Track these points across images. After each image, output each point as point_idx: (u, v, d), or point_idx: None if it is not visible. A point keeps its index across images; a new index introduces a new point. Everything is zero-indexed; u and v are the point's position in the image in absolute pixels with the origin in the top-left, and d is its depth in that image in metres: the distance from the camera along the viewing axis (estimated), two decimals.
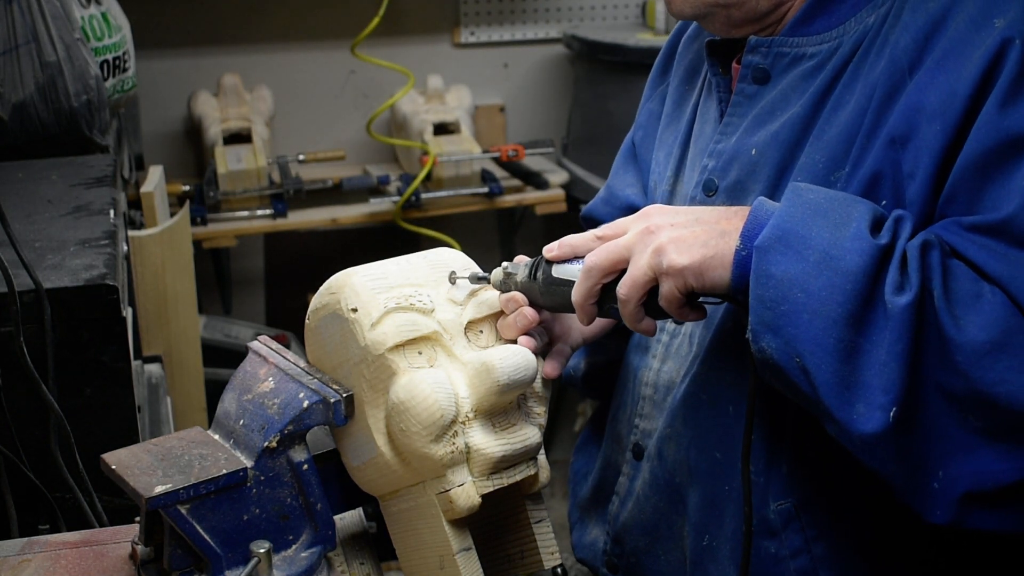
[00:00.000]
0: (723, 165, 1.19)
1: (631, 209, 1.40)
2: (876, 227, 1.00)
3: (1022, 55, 1.00)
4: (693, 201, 1.23)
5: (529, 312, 1.06)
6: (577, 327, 1.19)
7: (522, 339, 1.06)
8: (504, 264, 1.09)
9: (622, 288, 1.02)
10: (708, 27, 1.22)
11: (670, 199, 1.30)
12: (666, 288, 1.01)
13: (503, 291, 1.08)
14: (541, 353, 1.08)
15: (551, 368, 1.11)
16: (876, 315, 0.96)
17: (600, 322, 1.17)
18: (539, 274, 1.07)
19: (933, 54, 1.04)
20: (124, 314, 1.37)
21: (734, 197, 1.17)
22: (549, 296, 1.07)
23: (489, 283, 1.08)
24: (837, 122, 1.10)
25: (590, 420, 1.51)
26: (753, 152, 1.16)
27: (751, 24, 1.18)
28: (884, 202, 1.06)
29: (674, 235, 1.00)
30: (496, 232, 3.39)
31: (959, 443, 0.96)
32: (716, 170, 1.20)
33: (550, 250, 1.08)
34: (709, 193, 1.20)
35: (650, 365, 1.30)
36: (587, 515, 1.43)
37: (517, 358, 1.01)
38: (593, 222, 1.45)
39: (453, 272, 1.06)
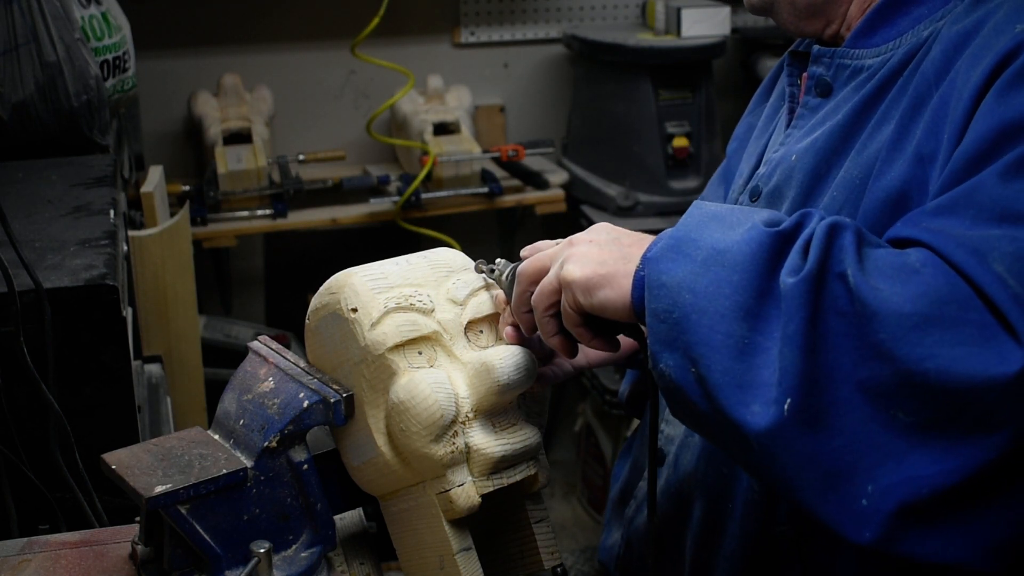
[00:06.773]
0: (769, 172, 1.18)
1: None
2: (776, 223, 0.91)
3: None
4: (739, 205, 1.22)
5: (508, 317, 1.06)
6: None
7: (512, 332, 1.06)
8: (498, 260, 1.09)
9: (534, 295, 1.02)
10: (778, 20, 1.20)
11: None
12: (563, 301, 0.99)
13: (499, 286, 1.09)
14: (541, 361, 1.08)
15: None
16: (771, 307, 0.87)
17: (597, 355, 1.17)
18: (510, 274, 1.07)
19: (956, 66, 0.99)
20: (124, 314, 1.37)
21: (772, 203, 1.15)
22: (510, 298, 1.06)
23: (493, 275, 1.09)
24: (880, 137, 1.05)
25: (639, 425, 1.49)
26: (793, 158, 1.14)
27: (816, 17, 1.16)
28: None
29: (582, 250, 0.98)
30: (496, 232, 3.38)
31: (889, 449, 0.83)
32: (763, 176, 1.19)
33: (524, 252, 1.08)
34: (754, 198, 1.19)
35: None
36: (612, 517, 1.42)
37: (517, 358, 1.01)
38: None
39: (480, 261, 1.08)
